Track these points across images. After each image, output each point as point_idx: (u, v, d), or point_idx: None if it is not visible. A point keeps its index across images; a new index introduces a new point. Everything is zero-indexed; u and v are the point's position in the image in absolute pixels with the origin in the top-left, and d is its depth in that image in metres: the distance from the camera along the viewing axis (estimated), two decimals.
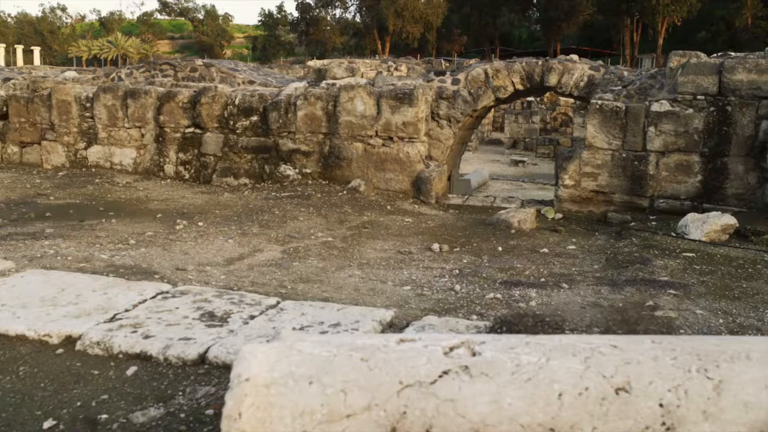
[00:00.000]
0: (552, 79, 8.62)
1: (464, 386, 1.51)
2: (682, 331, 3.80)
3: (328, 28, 48.59)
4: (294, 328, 2.88)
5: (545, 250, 6.10)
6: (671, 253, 5.92)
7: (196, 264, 4.92)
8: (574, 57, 9.06)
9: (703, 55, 7.69)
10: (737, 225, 6.54)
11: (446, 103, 8.85)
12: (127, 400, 2.44)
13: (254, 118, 9.02)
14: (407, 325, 3.02)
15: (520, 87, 8.78)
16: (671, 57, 7.92)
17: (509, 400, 1.48)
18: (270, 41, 52.18)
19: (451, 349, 1.63)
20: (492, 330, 2.75)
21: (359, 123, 8.55)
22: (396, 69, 23.91)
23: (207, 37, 55.47)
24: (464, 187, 10.47)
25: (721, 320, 4.00)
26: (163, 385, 2.54)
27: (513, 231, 6.91)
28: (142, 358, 2.74)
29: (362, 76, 17.45)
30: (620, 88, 8.15)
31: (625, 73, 8.69)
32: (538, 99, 24.49)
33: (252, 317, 3.09)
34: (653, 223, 7.38)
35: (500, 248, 6.14)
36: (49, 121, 10.01)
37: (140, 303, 3.25)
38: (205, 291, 3.50)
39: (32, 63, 37.20)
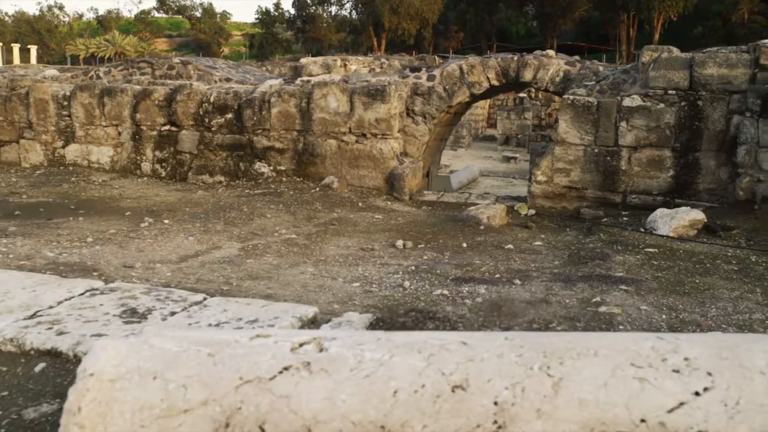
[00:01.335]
0: (527, 75, 8.58)
1: (302, 382, 1.49)
2: (621, 327, 3.77)
3: (325, 25, 48.52)
4: (210, 325, 2.87)
5: (510, 246, 6.07)
6: (634, 248, 5.87)
7: (147, 261, 4.89)
8: (551, 52, 9.01)
9: (675, 50, 7.65)
10: (705, 220, 6.49)
11: (421, 99, 8.81)
12: (26, 397, 2.42)
13: (229, 115, 8.99)
14: (329, 321, 3.00)
15: (495, 83, 8.74)
16: (644, 52, 7.87)
17: (344, 396, 1.46)
18: (267, 39, 52.11)
19: (301, 345, 1.60)
20: (370, 326, 2.72)
21: (333, 120, 8.51)
22: (389, 66, 23.83)
23: (204, 35, 55.45)
24: (443, 183, 10.43)
25: (664, 316, 3.96)
26: (66, 381, 2.52)
27: (482, 227, 6.87)
28: (53, 354, 2.73)
29: (355, 72, 17.38)
30: (594, 83, 8.10)
31: (601, 68, 8.64)
32: (533, 95, 24.38)
33: (173, 314, 3.06)
34: (625, 218, 7.34)
35: (465, 245, 6.10)
36: (27, 120, 10.00)
37: (66, 300, 3.24)
38: (134, 288, 3.48)
39: (29, 62, 37.23)
